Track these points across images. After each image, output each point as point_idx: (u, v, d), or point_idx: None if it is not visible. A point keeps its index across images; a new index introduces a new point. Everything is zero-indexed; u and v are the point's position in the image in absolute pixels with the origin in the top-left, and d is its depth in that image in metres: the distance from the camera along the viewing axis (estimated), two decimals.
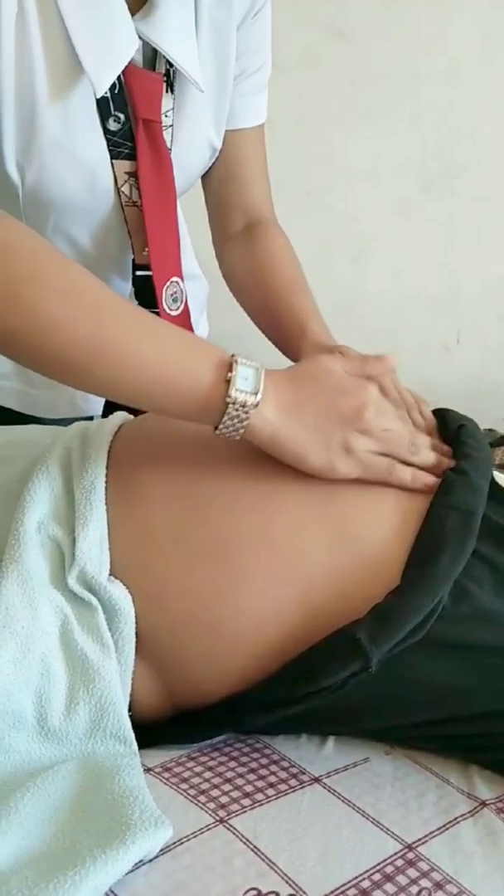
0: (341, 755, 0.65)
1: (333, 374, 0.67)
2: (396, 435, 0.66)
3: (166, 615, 0.63)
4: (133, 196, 0.87)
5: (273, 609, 0.62)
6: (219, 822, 0.55)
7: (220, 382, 0.62)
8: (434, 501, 0.64)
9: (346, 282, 1.85)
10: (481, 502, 0.64)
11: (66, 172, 0.82)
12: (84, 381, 0.63)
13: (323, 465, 0.64)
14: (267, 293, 0.94)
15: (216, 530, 0.64)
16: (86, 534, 0.64)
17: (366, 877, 0.52)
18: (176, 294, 0.93)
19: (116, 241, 0.91)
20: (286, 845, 0.54)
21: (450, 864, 0.54)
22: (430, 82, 1.76)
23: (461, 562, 0.60)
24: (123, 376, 0.61)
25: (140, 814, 0.51)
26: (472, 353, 1.91)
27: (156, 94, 0.85)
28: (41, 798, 0.53)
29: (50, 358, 0.61)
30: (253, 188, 1.00)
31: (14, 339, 0.60)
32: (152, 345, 0.62)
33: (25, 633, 0.58)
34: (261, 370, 0.63)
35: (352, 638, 0.58)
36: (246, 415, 0.62)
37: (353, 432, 0.64)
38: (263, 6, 0.93)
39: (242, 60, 0.93)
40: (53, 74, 0.77)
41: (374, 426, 0.65)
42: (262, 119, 1.00)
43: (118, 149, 0.84)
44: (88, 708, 0.59)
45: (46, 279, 0.60)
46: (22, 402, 1.04)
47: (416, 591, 0.59)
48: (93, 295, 0.62)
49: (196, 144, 0.92)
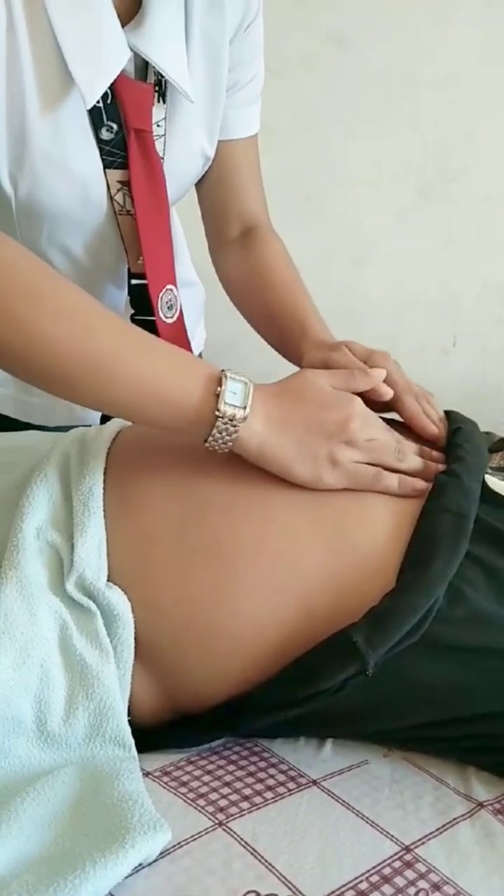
0: (339, 758, 0.65)
1: (319, 388, 0.69)
2: (382, 443, 0.68)
3: (165, 620, 0.64)
4: (126, 205, 0.88)
5: (271, 613, 0.62)
6: (218, 826, 0.55)
7: (209, 396, 0.63)
8: (427, 504, 0.65)
9: (346, 286, 1.85)
10: (473, 505, 0.65)
11: (58, 183, 0.82)
12: (77, 395, 0.64)
13: (310, 477, 0.65)
14: (265, 297, 0.94)
15: (213, 535, 0.64)
16: (84, 540, 0.64)
17: (364, 878, 0.52)
18: (171, 301, 0.94)
19: (111, 251, 0.92)
20: (285, 848, 0.54)
21: (447, 865, 0.54)
22: (428, 87, 1.76)
23: (455, 563, 0.61)
24: (115, 391, 0.63)
25: (139, 818, 0.52)
26: (471, 357, 1.92)
27: (146, 105, 0.85)
28: (41, 803, 0.53)
29: (43, 372, 0.62)
30: (247, 195, 1.01)
31: (9, 355, 0.62)
32: (144, 361, 0.63)
33: (25, 639, 0.59)
34: (249, 385, 0.65)
35: (348, 641, 0.59)
36: (234, 428, 0.63)
37: (338, 444, 0.66)
38: (255, 19, 0.93)
39: (235, 72, 0.94)
40: (44, 86, 0.77)
41: (359, 437, 0.66)
42: (255, 130, 1.00)
43: (111, 158, 0.85)
44: (87, 713, 0.59)
45: (40, 297, 0.62)
46: (19, 409, 1.05)
47: (410, 594, 0.59)
48: (85, 312, 0.63)
49: (188, 153, 0.92)
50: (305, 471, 0.65)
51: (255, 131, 1.00)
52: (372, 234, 1.86)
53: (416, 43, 1.74)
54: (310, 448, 0.65)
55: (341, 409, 0.67)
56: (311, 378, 0.69)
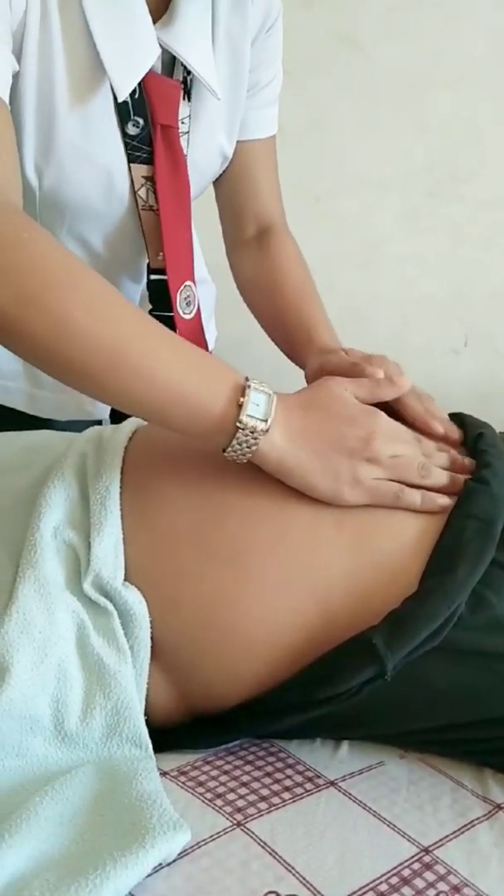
0: (356, 759, 0.65)
1: (343, 401, 0.67)
2: (406, 460, 0.66)
3: (181, 620, 0.63)
4: (150, 200, 0.88)
5: (288, 615, 0.62)
6: (236, 826, 0.55)
7: (232, 406, 0.62)
8: (454, 510, 0.64)
9: (355, 286, 1.85)
10: (502, 511, 0.64)
11: (83, 176, 0.83)
12: (100, 390, 0.63)
13: (330, 493, 0.64)
14: (276, 300, 0.95)
15: (232, 536, 0.64)
16: (101, 539, 0.64)
17: (383, 880, 0.52)
18: (189, 298, 0.94)
19: (131, 245, 0.92)
20: (303, 848, 0.54)
21: (467, 867, 0.54)
22: (438, 88, 1.76)
23: (479, 570, 0.60)
24: (139, 389, 0.62)
25: (158, 817, 0.52)
26: (482, 357, 1.91)
27: (174, 101, 0.86)
28: (59, 802, 0.53)
29: (69, 365, 0.61)
30: (264, 196, 1.02)
31: (35, 344, 0.61)
32: (171, 361, 0.62)
33: (42, 638, 0.59)
34: (273, 396, 0.63)
35: (368, 643, 0.58)
36: (255, 440, 0.62)
37: (360, 461, 0.64)
38: (276, 21, 0.94)
39: (255, 73, 0.95)
40: (74, 79, 0.78)
41: (382, 454, 0.65)
42: (273, 131, 1.01)
43: (136, 153, 0.85)
44: (105, 713, 0.59)
45: (73, 288, 0.61)
46: (29, 403, 1.05)
47: (433, 598, 0.59)
48: (117, 306, 0.63)
49: (210, 151, 0.93)
50: (326, 487, 0.64)
51: (273, 132, 1.01)
52: (381, 234, 1.86)
53: (426, 44, 1.74)
54: (331, 464, 0.64)
55: (365, 424, 0.65)
56: (335, 390, 0.68)
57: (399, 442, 0.67)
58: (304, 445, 0.64)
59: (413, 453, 0.67)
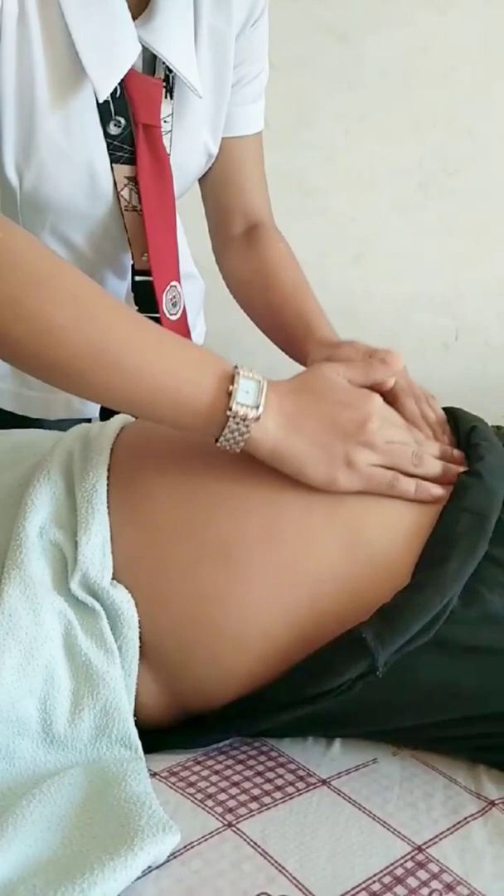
0: (348, 757, 0.65)
1: (336, 385, 0.66)
2: (400, 447, 0.65)
3: (170, 618, 0.63)
4: (133, 201, 0.87)
5: (279, 611, 0.61)
6: (227, 827, 0.55)
7: (221, 395, 0.61)
8: (447, 504, 0.64)
9: (346, 282, 1.85)
10: (495, 505, 0.63)
11: (65, 176, 0.82)
12: (84, 387, 0.62)
13: (324, 479, 0.63)
14: (270, 296, 0.94)
15: (221, 532, 0.63)
16: (88, 538, 0.63)
17: (376, 879, 0.51)
18: (175, 298, 0.93)
19: (114, 246, 0.91)
20: (295, 849, 0.53)
21: (460, 865, 0.53)
22: (427, 83, 1.76)
23: (472, 564, 0.60)
24: (125, 385, 0.61)
25: (147, 819, 0.51)
26: (473, 351, 1.91)
27: (155, 100, 0.85)
28: (47, 805, 0.52)
29: (51, 364, 0.60)
30: (252, 193, 1.01)
31: (16, 346, 0.60)
32: (155, 354, 0.61)
33: (29, 640, 0.58)
34: (263, 383, 0.62)
35: (358, 638, 0.58)
36: (246, 428, 0.61)
37: (355, 446, 0.63)
38: (261, 16, 0.93)
39: (240, 69, 0.93)
40: (54, 79, 0.77)
41: (378, 439, 0.64)
42: (260, 127, 1.00)
43: (118, 153, 0.84)
44: (93, 714, 0.59)
45: (49, 285, 0.60)
46: (17, 403, 1.04)
47: (423, 591, 0.58)
48: (96, 302, 0.61)
49: (194, 150, 0.92)
50: (320, 473, 0.63)
51: (259, 128, 1.00)
52: (372, 229, 1.85)
53: (415, 37, 1.73)
54: (325, 449, 0.63)
55: (359, 407, 0.64)
56: (327, 373, 0.67)
57: (394, 426, 0.66)
58: (297, 431, 0.63)
59: (407, 439, 0.66)
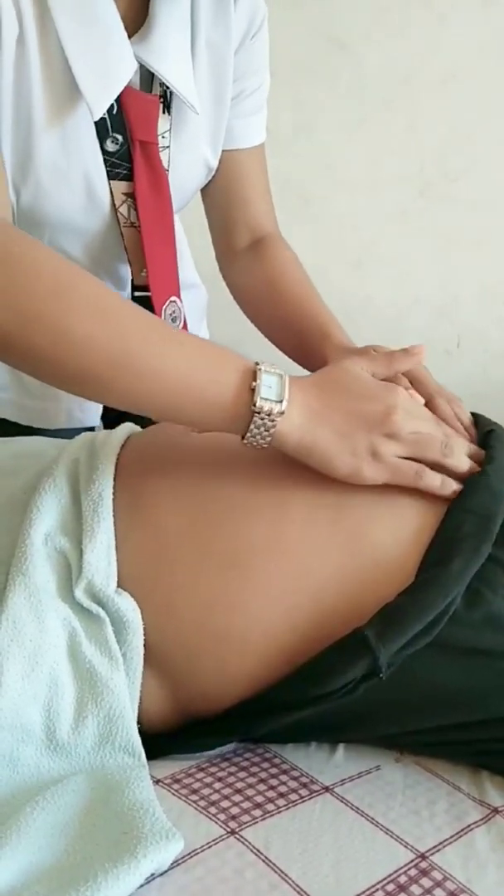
0: (351, 763, 0.64)
1: (360, 378, 0.66)
2: (428, 437, 0.65)
3: (176, 625, 0.63)
4: (131, 217, 0.87)
5: (284, 616, 0.62)
6: (230, 834, 0.55)
7: (244, 391, 0.61)
8: (452, 505, 0.64)
9: (346, 288, 1.85)
10: (500, 507, 0.63)
11: (62, 193, 0.82)
12: (107, 394, 0.63)
13: (349, 471, 0.63)
14: (281, 305, 0.93)
15: (226, 539, 0.63)
16: (93, 545, 0.63)
17: (380, 887, 0.51)
18: (175, 314, 0.93)
19: (113, 261, 0.91)
20: (298, 856, 0.53)
21: (463, 872, 0.53)
22: (427, 88, 1.76)
23: (475, 564, 0.60)
24: (148, 388, 0.61)
25: (151, 826, 0.51)
26: (474, 357, 1.91)
27: (152, 116, 0.85)
28: (50, 812, 0.53)
29: (75, 373, 0.60)
30: (256, 205, 1.00)
31: (40, 357, 0.60)
32: (176, 355, 0.62)
33: (33, 647, 0.58)
34: (284, 377, 0.63)
35: (360, 637, 0.58)
36: (272, 423, 0.61)
37: (380, 437, 0.63)
38: (260, 29, 0.93)
39: (241, 82, 0.93)
40: (51, 97, 0.77)
41: (403, 429, 0.64)
42: (262, 139, 1.00)
43: (116, 169, 0.84)
44: (97, 721, 0.59)
45: (69, 296, 0.60)
46: (19, 413, 1.04)
47: (425, 591, 0.58)
48: (116, 308, 0.62)
49: (193, 165, 0.92)
50: (345, 464, 0.63)
51: (261, 141, 1.00)
52: (372, 235, 1.85)
53: (414, 43, 1.74)
54: (350, 441, 0.62)
55: (383, 399, 0.64)
56: (349, 367, 0.66)
57: (419, 418, 0.66)
58: (322, 423, 0.63)
59: (434, 430, 0.66)
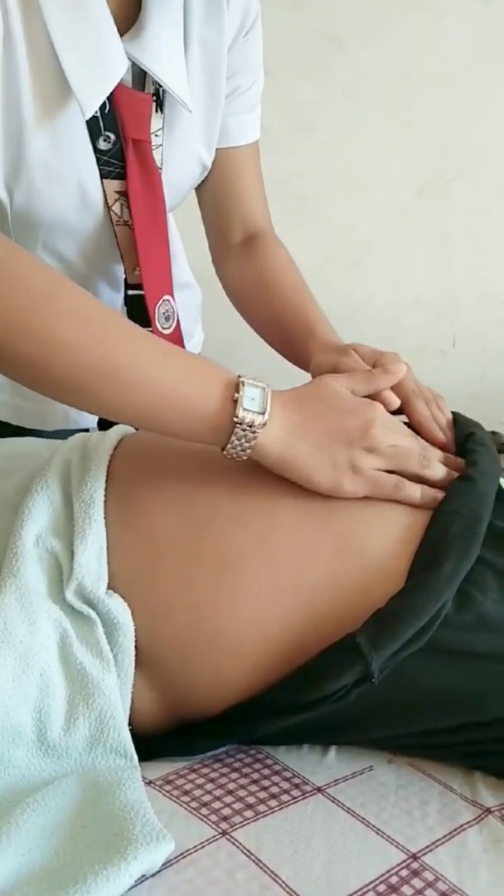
0: (344, 764, 0.64)
1: (339, 394, 0.67)
2: (406, 450, 0.66)
3: (167, 627, 0.63)
4: (124, 215, 0.87)
5: (275, 620, 0.62)
6: (221, 835, 0.55)
7: (227, 403, 0.62)
8: (439, 508, 0.64)
9: (344, 288, 1.85)
10: (487, 509, 0.64)
11: (55, 193, 0.82)
12: (93, 403, 0.63)
13: (329, 484, 0.64)
14: (272, 303, 0.94)
15: (217, 542, 0.64)
16: (84, 547, 0.63)
17: (371, 888, 0.51)
18: (168, 312, 0.93)
19: (107, 260, 0.91)
20: (289, 857, 0.53)
21: (455, 873, 0.53)
22: (425, 88, 1.76)
23: (465, 567, 0.60)
24: (133, 399, 0.62)
25: (141, 828, 0.51)
26: (471, 357, 1.91)
27: (144, 115, 0.84)
28: (41, 814, 0.52)
29: (63, 382, 0.61)
30: (250, 202, 1.00)
31: (28, 367, 0.61)
32: (161, 367, 0.62)
33: (24, 648, 0.58)
34: (267, 390, 0.64)
35: (352, 644, 0.58)
36: (254, 434, 0.62)
37: (360, 451, 0.64)
38: (254, 25, 0.92)
39: (234, 79, 0.93)
40: (41, 96, 0.76)
41: (382, 443, 0.65)
42: (256, 136, 1.00)
43: (108, 168, 0.84)
44: (88, 722, 0.59)
45: (54, 304, 0.61)
46: (14, 414, 1.04)
47: (417, 596, 0.59)
48: (103, 319, 0.62)
49: (186, 163, 0.92)
50: (325, 478, 0.64)
51: (255, 138, 1.00)
52: (370, 235, 1.86)
53: (412, 44, 1.74)
54: (330, 454, 0.64)
55: (362, 414, 0.66)
56: (330, 384, 0.68)
57: (397, 433, 0.67)
58: (303, 437, 0.64)
59: (411, 444, 0.67)
